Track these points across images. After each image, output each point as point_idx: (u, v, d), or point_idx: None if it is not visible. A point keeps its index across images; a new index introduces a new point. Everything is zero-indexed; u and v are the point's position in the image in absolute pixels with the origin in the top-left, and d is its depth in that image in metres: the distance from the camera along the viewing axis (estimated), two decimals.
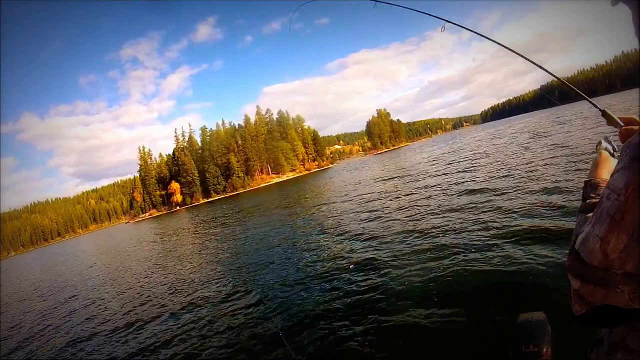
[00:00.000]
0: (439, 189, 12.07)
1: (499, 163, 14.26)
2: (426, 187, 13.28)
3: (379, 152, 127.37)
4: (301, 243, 9.27)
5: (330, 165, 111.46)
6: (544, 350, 0.97)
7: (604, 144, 1.15)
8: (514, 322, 1.08)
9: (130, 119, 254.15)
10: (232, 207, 35.37)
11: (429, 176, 16.54)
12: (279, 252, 8.96)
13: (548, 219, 5.88)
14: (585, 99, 1.53)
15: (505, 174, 11.11)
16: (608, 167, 0.97)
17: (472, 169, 14.90)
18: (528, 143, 19.15)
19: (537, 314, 1.10)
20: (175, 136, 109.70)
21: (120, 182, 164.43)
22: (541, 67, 1.68)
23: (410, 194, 12.46)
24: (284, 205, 22.00)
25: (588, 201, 0.85)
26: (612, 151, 1.14)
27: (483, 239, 5.80)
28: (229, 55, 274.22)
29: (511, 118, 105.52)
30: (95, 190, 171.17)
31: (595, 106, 1.38)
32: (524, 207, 6.92)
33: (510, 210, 7.03)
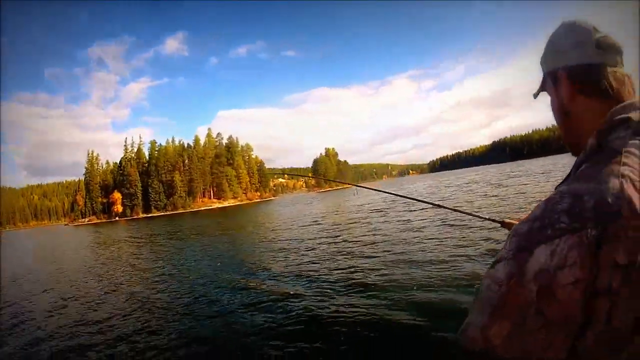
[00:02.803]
0: (371, 227, 12.82)
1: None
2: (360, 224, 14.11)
3: (322, 190, 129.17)
4: (236, 272, 9.02)
5: (272, 197, 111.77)
6: None
7: None
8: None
9: (86, 121, 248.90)
10: (172, 226, 34.39)
11: (361, 217, 17.13)
12: (210, 280, 8.65)
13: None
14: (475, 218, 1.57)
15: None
16: None
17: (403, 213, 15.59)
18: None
19: None
20: (125, 145, 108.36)
21: (65, 182, 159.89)
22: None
23: (347, 231, 12.97)
24: (224, 231, 21.72)
25: None
26: None
27: (410, 278, 5.97)
28: (191, 74, 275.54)
29: (458, 170, 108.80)
30: (40, 186, 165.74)
31: (494, 220, 1.38)
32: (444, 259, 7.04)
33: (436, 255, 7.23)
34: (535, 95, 0.82)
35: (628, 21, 0.72)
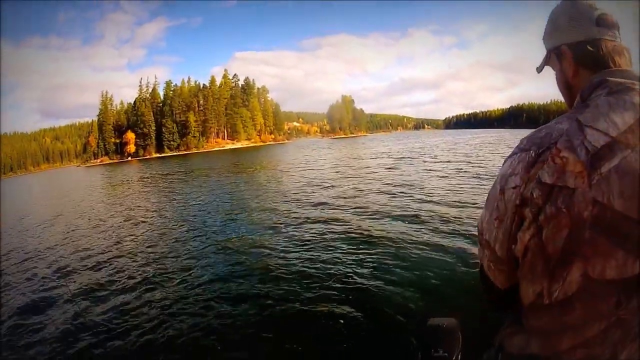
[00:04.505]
0: (381, 182, 12.13)
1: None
2: (371, 180, 13.29)
3: (336, 136, 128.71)
4: (243, 215, 9.04)
5: (286, 141, 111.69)
6: (454, 356, 0.98)
7: None
8: (424, 325, 1.10)
9: (99, 62, 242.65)
10: (185, 166, 34.58)
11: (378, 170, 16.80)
12: (218, 224, 8.56)
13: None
14: None
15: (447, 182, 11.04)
16: None
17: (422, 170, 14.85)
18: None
19: (448, 319, 1.12)
20: (140, 85, 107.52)
21: (78, 124, 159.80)
22: None
23: (355, 184, 12.39)
24: (234, 172, 22.06)
25: None
26: None
27: (401, 240, 5.71)
28: (209, 14, 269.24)
29: (474, 130, 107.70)
30: (53, 129, 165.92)
31: None
32: (455, 214, 6.92)
33: (439, 215, 6.95)
34: (539, 70, 0.87)
35: (628, 21, 0.76)
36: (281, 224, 7.57)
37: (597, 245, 0.61)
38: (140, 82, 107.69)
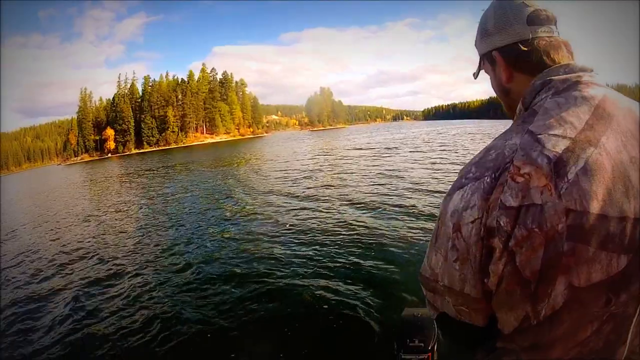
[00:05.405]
0: (356, 174, 12.46)
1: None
2: (347, 171, 13.76)
3: (315, 129, 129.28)
4: (223, 210, 9.22)
5: (265, 134, 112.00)
6: (429, 346, 0.97)
7: None
8: (400, 315, 1.07)
9: (79, 59, 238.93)
10: (163, 162, 34.98)
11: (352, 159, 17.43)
12: (196, 219, 8.75)
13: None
14: None
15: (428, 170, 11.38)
16: None
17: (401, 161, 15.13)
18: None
19: (423, 309, 1.08)
20: (118, 82, 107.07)
21: (57, 121, 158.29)
22: None
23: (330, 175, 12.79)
24: (215, 166, 22.54)
25: None
26: None
27: (376, 233, 5.76)
28: (188, 8, 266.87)
29: (453, 121, 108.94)
30: (33, 128, 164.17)
31: None
32: (428, 206, 6.95)
33: (414, 206, 6.93)
34: (475, 76, 0.84)
35: (628, 21, 0.74)
36: (270, 216, 7.77)
37: (578, 254, 0.58)
38: (119, 78, 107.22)
